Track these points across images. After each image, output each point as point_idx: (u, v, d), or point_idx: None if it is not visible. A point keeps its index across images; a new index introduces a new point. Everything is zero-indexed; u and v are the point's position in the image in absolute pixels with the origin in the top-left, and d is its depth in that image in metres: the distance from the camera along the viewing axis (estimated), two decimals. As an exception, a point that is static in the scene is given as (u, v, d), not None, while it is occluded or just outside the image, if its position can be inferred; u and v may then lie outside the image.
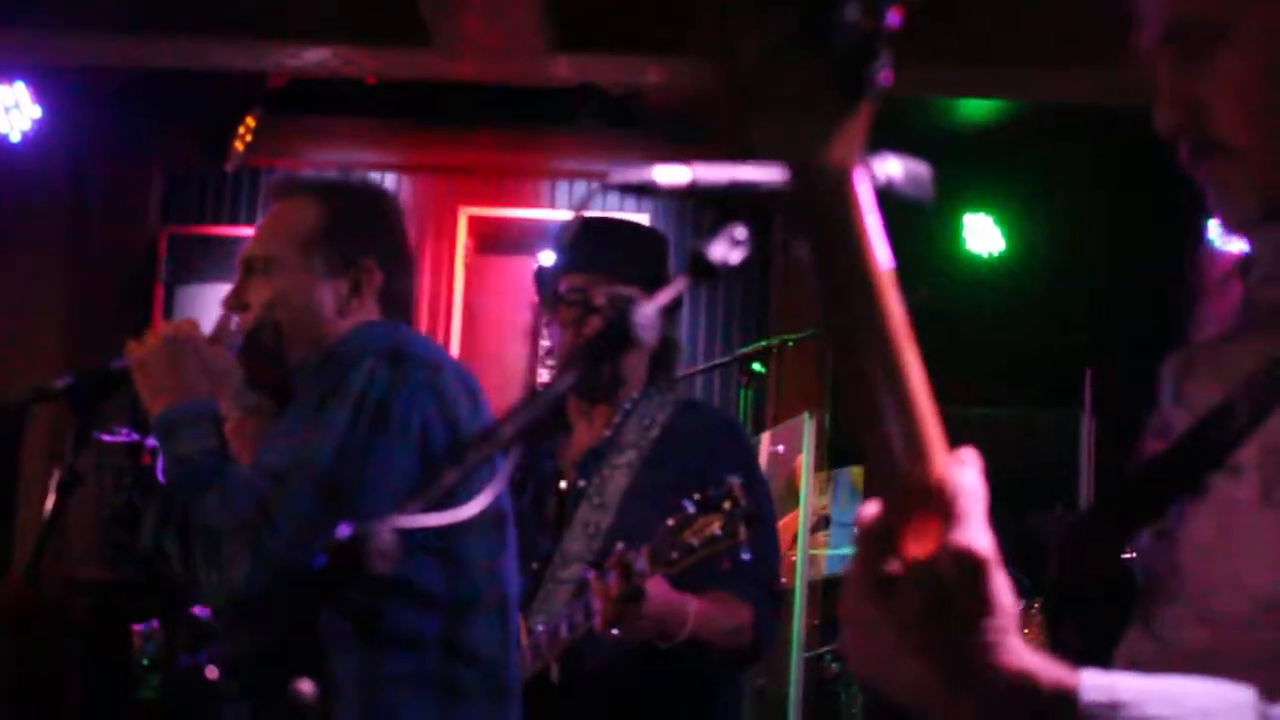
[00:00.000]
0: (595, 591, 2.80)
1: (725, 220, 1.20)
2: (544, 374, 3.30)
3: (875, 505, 0.99)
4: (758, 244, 1.16)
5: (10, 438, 7.15)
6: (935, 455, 0.97)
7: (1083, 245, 7.20)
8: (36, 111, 7.08)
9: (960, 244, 7.47)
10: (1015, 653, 0.98)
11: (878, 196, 0.94)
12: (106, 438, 4.99)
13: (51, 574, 6.53)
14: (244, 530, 2.26)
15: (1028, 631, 1.01)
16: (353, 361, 2.39)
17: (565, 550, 3.10)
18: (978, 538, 0.97)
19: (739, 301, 7.40)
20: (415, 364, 2.42)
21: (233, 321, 2.58)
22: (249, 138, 7.25)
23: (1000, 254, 7.48)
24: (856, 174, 0.91)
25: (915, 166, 1.24)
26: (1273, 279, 1.34)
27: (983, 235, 7.48)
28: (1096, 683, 1.00)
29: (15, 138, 7.06)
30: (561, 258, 3.42)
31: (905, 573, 0.97)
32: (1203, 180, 1.34)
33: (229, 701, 2.47)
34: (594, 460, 3.15)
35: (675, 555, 2.72)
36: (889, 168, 1.21)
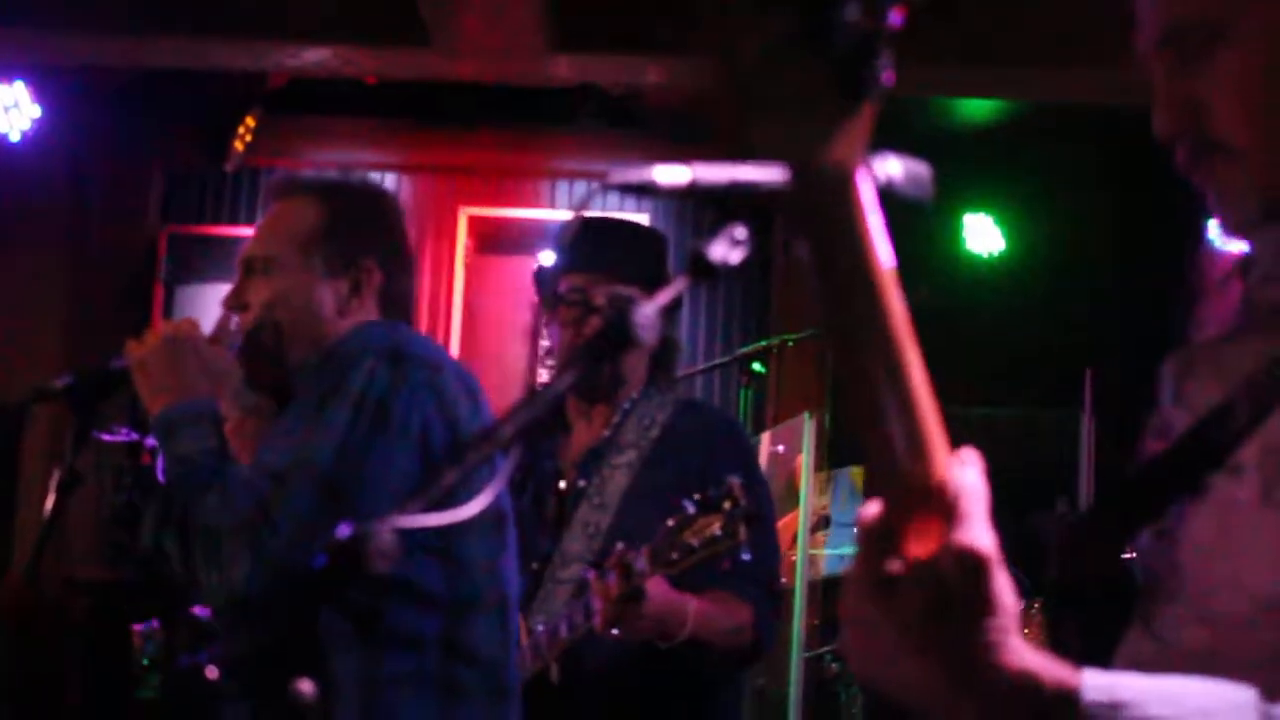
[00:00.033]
0: (595, 591, 2.80)
1: (725, 220, 1.20)
2: (544, 374, 3.30)
3: (876, 505, 0.99)
4: (758, 244, 1.16)
5: (10, 438, 7.15)
6: (937, 455, 0.97)
7: (1083, 245, 7.19)
8: (36, 111, 7.08)
9: (960, 244, 7.46)
10: (1017, 652, 0.98)
11: (878, 196, 0.94)
12: (106, 437, 4.99)
13: (51, 574, 6.52)
14: (244, 530, 2.26)
15: (1028, 632, 1.01)
16: (353, 361, 2.39)
17: (565, 550, 3.10)
18: (980, 537, 0.97)
19: (739, 301, 7.39)
20: (415, 364, 2.42)
21: (233, 321, 2.58)
22: (249, 138, 7.25)
23: (1000, 254, 7.47)
24: (858, 174, 0.91)
25: (915, 166, 1.24)
26: (1273, 279, 1.34)
27: (983, 235, 7.47)
28: (1098, 683, 1.00)
29: (15, 138, 7.05)
30: (561, 258, 3.42)
31: (907, 572, 0.97)
32: (1201, 182, 1.34)
33: (229, 701, 2.47)
34: (594, 460, 3.15)
35: (675, 555, 2.71)
36: (889, 168, 1.21)
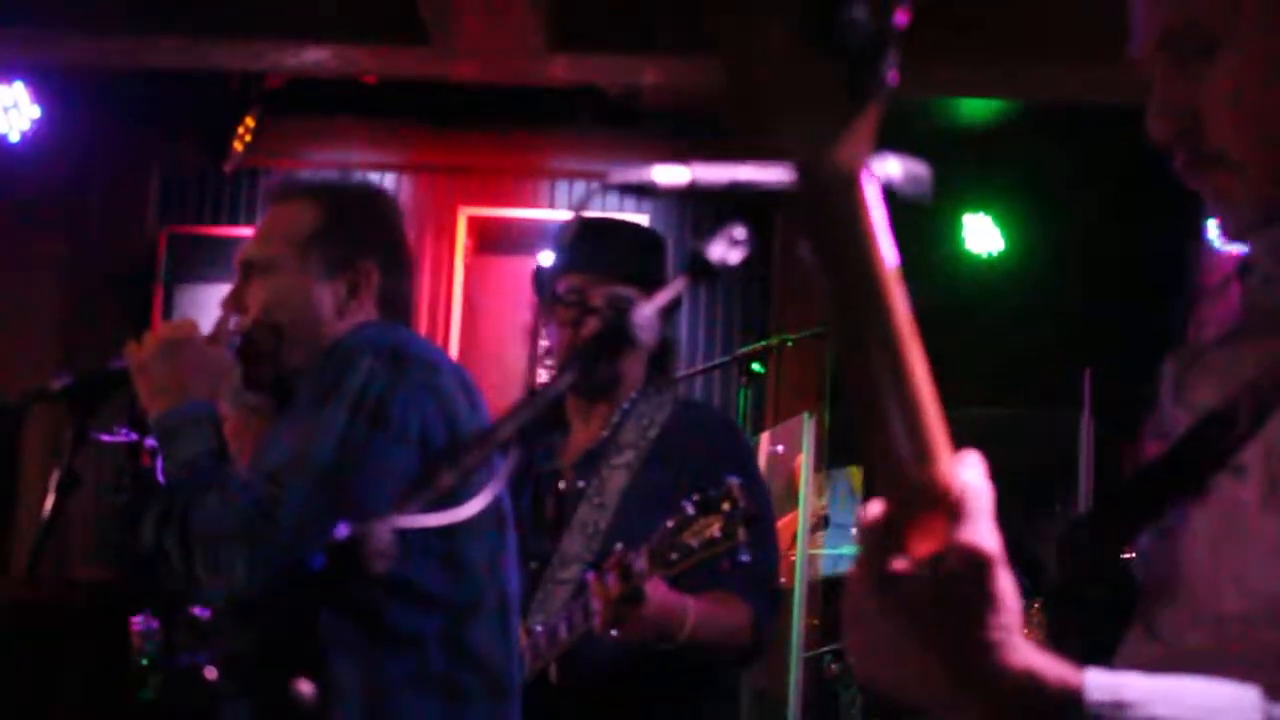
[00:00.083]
0: (594, 592, 2.80)
1: (725, 220, 1.20)
2: (543, 374, 3.29)
3: (879, 505, 0.99)
4: (758, 244, 1.16)
5: (10, 438, 7.14)
6: (940, 455, 0.97)
7: (1083, 245, 7.18)
8: (36, 111, 7.07)
9: (960, 244, 7.46)
10: (1020, 651, 0.98)
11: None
12: (106, 438, 4.98)
13: (51, 574, 6.52)
14: (244, 531, 2.26)
15: (1028, 633, 1.00)
16: (351, 362, 2.39)
17: (564, 551, 3.10)
18: (985, 536, 0.97)
19: (738, 301, 7.39)
20: (414, 364, 2.42)
21: (232, 322, 2.58)
22: (248, 138, 7.24)
23: (1000, 254, 7.47)
24: (864, 174, 0.91)
25: (914, 166, 1.24)
26: (1272, 281, 1.34)
27: (982, 235, 7.46)
28: (1101, 682, 1.00)
29: (14, 138, 7.05)
30: (560, 258, 3.41)
31: (911, 570, 0.97)
32: (1200, 188, 1.34)
33: (229, 701, 2.47)
34: (592, 460, 3.15)
35: (674, 556, 2.71)
36: (888, 168, 1.21)
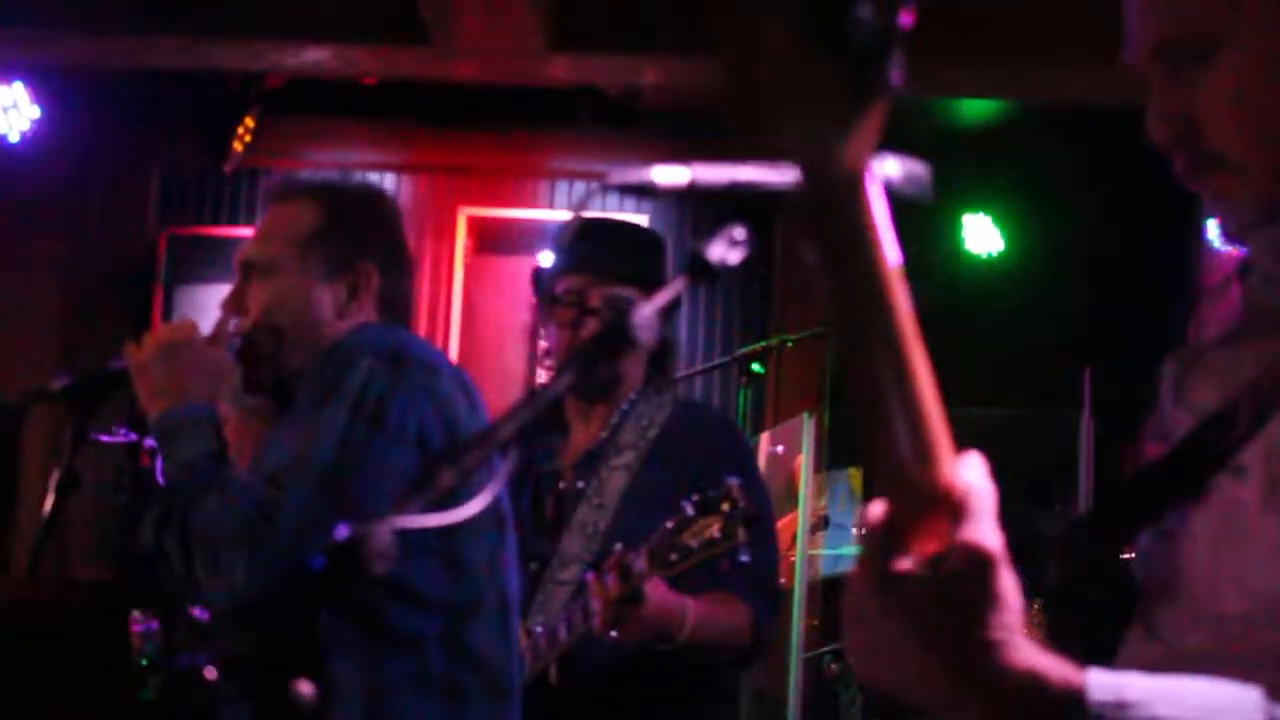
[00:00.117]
0: (594, 593, 2.80)
1: (725, 220, 1.20)
2: (542, 374, 3.29)
3: (881, 505, 0.99)
4: (758, 244, 1.16)
5: (10, 438, 7.14)
6: (942, 455, 0.97)
7: (1083, 245, 7.18)
8: (35, 112, 7.07)
9: (960, 244, 7.46)
10: (1022, 651, 0.98)
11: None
12: (105, 438, 4.99)
13: (51, 574, 6.52)
14: (244, 532, 2.26)
15: (1027, 633, 1.00)
16: (350, 362, 2.39)
17: (564, 551, 3.10)
18: (987, 535, 0.97)
19: (739, 302, 7.39)
20: (413, 366, 2.42)
21: (231, 323, 2.58)
22: (248, 138, 7.24)
23: (1000, 254, 7.47)
24: (867, 174, 0.91)
25: (914, 166, 1.24)
26: (1273, 280, 1.34)
27: (982, 235, 7.46)
28: (1103, 682, 1.00)
29: (14, 138, 7.05)
30: (559, 259, 3.41)
31: (913, 570, 0.97)
32: (1200, 190, 1.34)
33: (228, 702, 2.47)
34: (592, 461, 3.15)
35: (674, 557, 2.71)
36: (888, 168, 1.21)
